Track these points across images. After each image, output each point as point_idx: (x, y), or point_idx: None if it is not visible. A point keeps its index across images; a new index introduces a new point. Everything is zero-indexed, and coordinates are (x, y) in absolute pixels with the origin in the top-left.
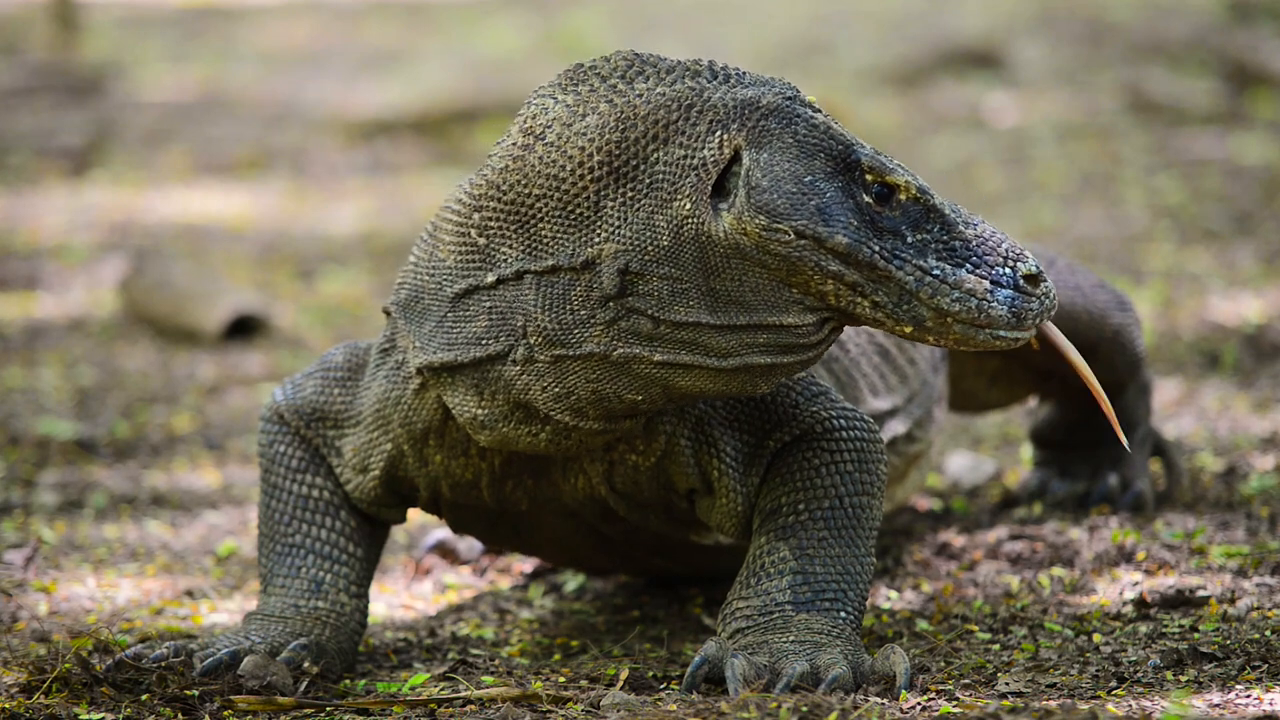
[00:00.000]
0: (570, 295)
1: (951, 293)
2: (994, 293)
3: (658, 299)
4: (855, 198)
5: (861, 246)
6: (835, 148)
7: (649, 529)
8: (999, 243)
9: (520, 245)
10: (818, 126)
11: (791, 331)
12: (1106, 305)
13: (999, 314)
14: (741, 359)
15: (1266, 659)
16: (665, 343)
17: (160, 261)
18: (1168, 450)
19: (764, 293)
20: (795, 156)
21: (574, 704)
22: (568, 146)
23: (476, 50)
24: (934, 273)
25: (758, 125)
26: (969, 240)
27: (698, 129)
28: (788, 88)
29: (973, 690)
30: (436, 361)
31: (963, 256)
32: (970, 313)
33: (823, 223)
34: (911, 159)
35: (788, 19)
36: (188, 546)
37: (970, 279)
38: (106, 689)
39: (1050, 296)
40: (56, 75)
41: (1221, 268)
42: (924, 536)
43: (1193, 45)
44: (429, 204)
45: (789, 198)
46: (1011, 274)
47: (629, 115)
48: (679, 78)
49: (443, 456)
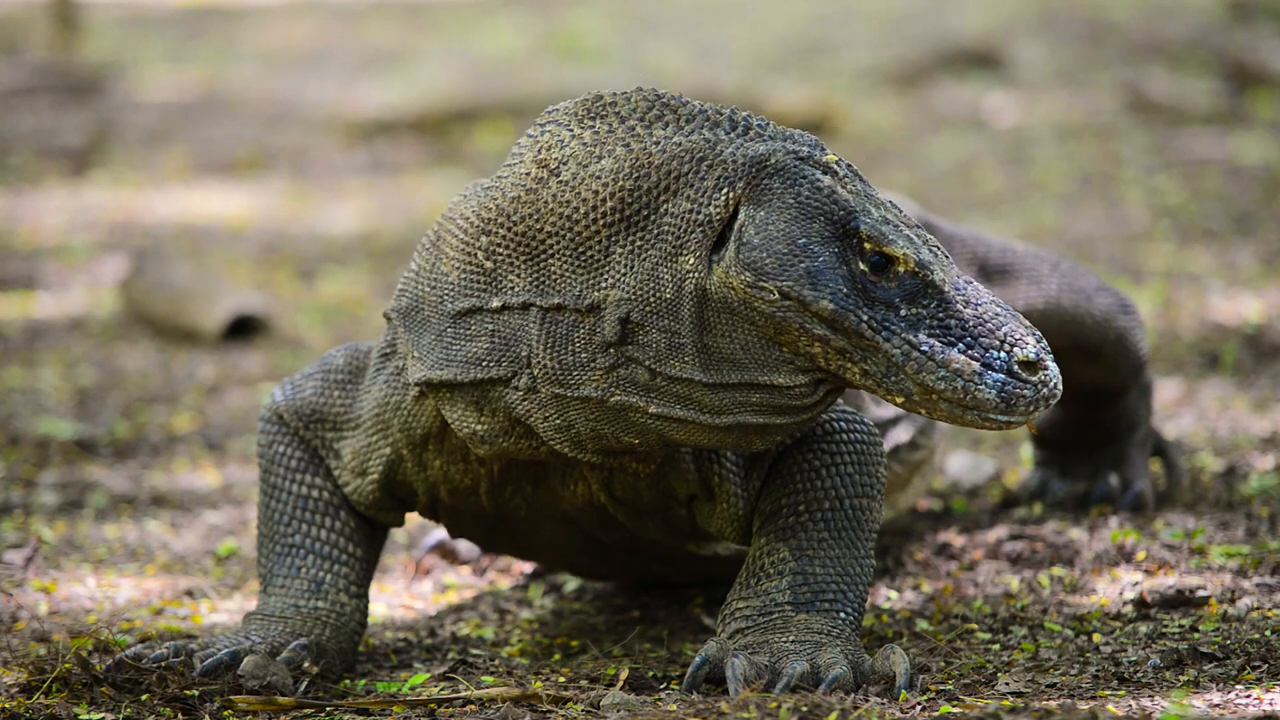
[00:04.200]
0: (574, 336)
1: (938, 370)
2: (983, 375)
3: (655, 351)
4: (850, 264)
5: (849, 314)
6: (837, 213)
7: (647, 537)
8: (999, 325)
9: (528, 277)
10: (821, 189)
11: (784, 392)
12: (1111, 309)
13: (986, 397)
14: (734, 417)
15: (1266, 659)
16: (660, 395)
17: (160, 261)
18: (1168, 450)
19: (755, 351)
20: (793, 218)
21: (574, 704)
22: (582, 188)
23: (476, 50)
24: (922, 348)
25: (761, 183)
26: (965, 319)
27: (706, 183)
28: (804, 145)
29: (973, 690)
30: (435, 378)
31: (957, 335)
32: (956, 393)
33: (810, 286)
34: (911, 159)
35: (788, 19)
36: (188, 546)
37: (959, 359)
38: (106, 689)
39: (1049, 385)
40: (56, 75)
41: (1221, 268)
42: (924, 536)
43: (1193, 45)
44: (429, 204)
45: (778, 257)
46: (1005, 358)
47: (644, 163)
48: (697, 127)
49: (442, 462)
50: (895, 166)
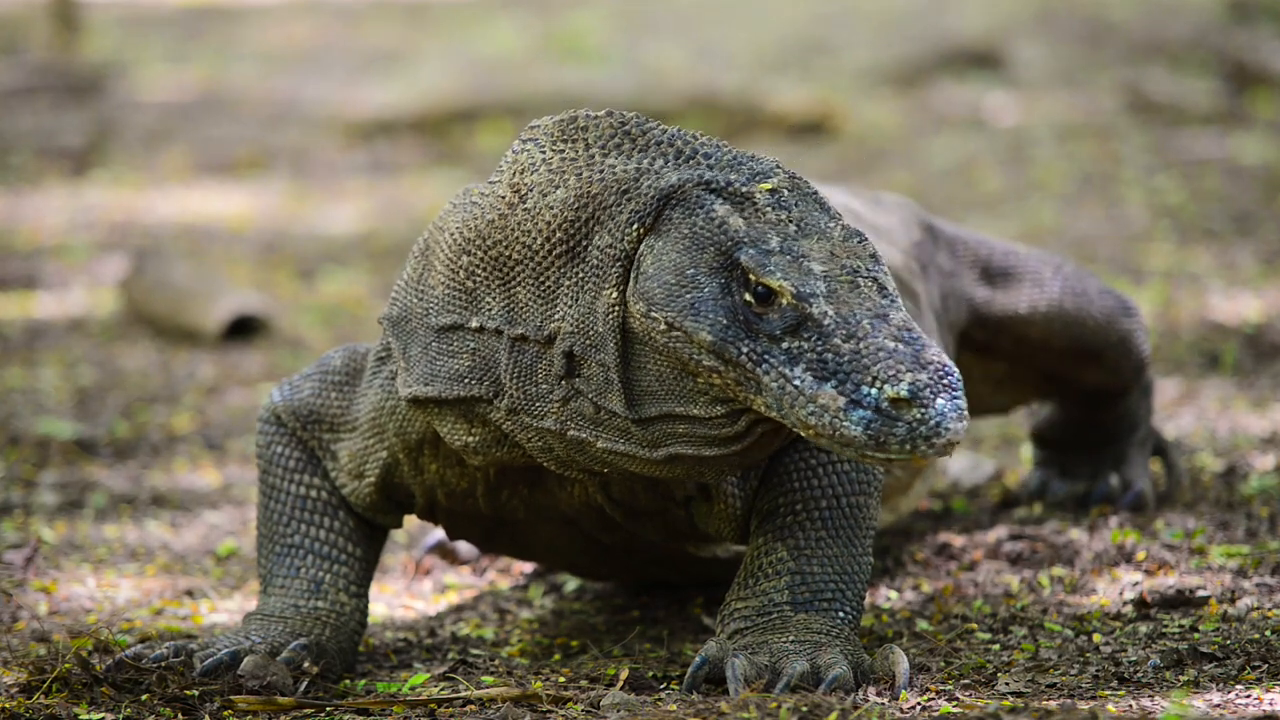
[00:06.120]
0: (536, 368)
1: (808, 405)
2: (849, 411)
3: (595, 385)
4: (734, 296)
5: (728, 345)
6: (725, 243)
7: (646, 538)
8: (877, 360)
9: (501, 302)
10: (714, 219)
11: (705, 423)
12: (1113, 311)
13: (853, 434)
14: (668, 449)
15: (1266, 659)
16: (605, 429)
17: (160, 261)
18: (1168, 450)
19: (670, 382)
20: (685, 248)
21: (574, 704)
22: (539, 218)
23: (476, 50)
24: (795, 382)
25: (664, 214)
26: (842, 354)
27: (622, 216)
28: (729, 173)
29: (973, 690)
30: (421, 395)
31: (831, 370)
32: (825, 429)
33: (691, 317)
34: (911, 159)
35: (788, 19)
36: (188, 546)
37: (827, 394)
38: (106, 689)
39: (928, 424)
40: (56, 75)
41: (1221, 268)
42: (924, 536)
43: (1193, 45)
44: (429, 204)
45: (666, 288)
46: (875, 395)
47: (585, 194)
48: (641, 156)
49: (438, 466)
50: (895, 166)
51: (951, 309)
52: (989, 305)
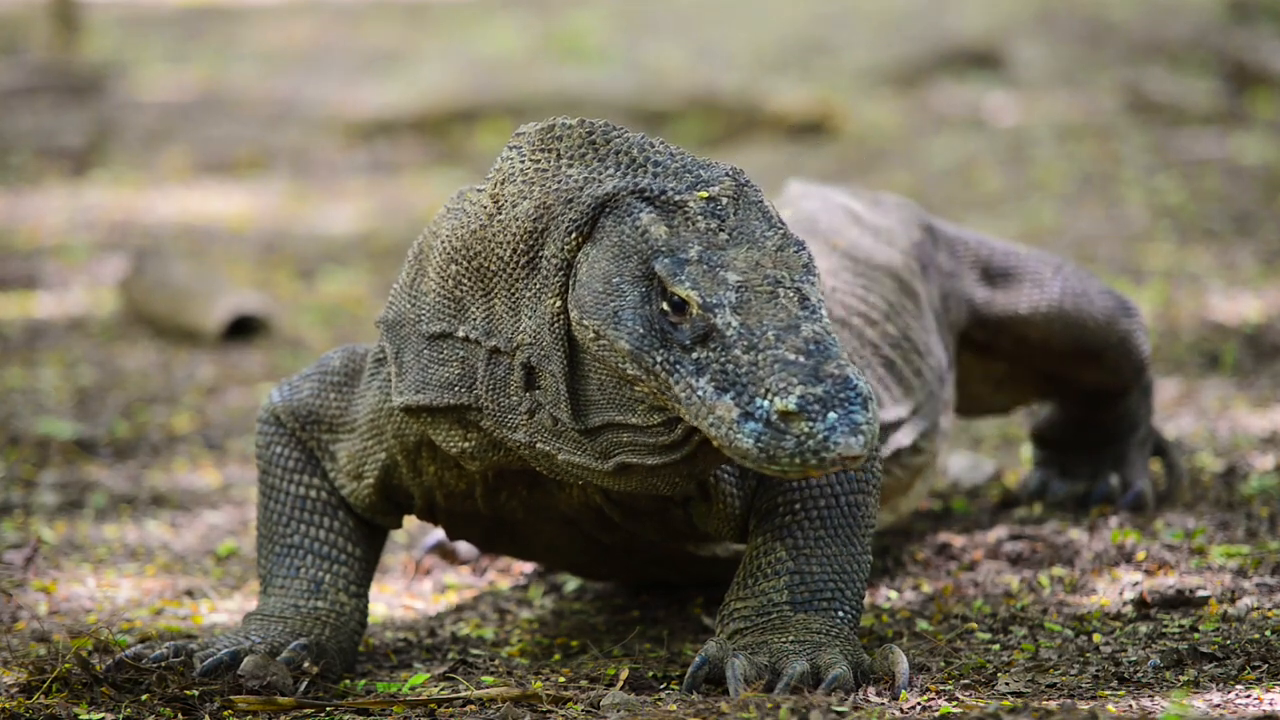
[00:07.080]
0: (508, 380)
1: (709, 416)
2: (741, 424)
3: (550, 397)
4: (652, 304)
5: (644, 354)
6: (646, 252)
7: (645, 538)
8: (771, 372)
9: (482, 314)
10: (639, 228)
11: (644, 431)
12: (1113, 311)
13: (745, 446)
14: (616, 460)
15: (1266, 659)
16: (564, 440)
17: (160, 261)
18: (1168, 450)
19: (609, 391)
20: (614, 256)
21: (574, 704)
22: (508, 230)
23: (476, 50)
24: (699, 393)
25: (599, 222)
26: (740, 364)
27: (563, 225)
28: (666, 181)
29: (973, 690)
30: (414, 404)
31: (731, 380)
32: (722, 439)
33: (613, 325)
34: (911, 159)
35: (788, 19)
36: (188, 546)
37: (724, 405)
38: (106, 689)
39: (815, 438)
40: (56, 75)
41: (1221, 268)
42: (924, 536)
43: (1193, 45)
44: (429, 204)
45: (595, 296)
46: (766, 408)
47: (543, 204)
48: (597, 165)
49: (436, 468)
50: (895, 167)
51: (952, 309)
52: (989, 305)
